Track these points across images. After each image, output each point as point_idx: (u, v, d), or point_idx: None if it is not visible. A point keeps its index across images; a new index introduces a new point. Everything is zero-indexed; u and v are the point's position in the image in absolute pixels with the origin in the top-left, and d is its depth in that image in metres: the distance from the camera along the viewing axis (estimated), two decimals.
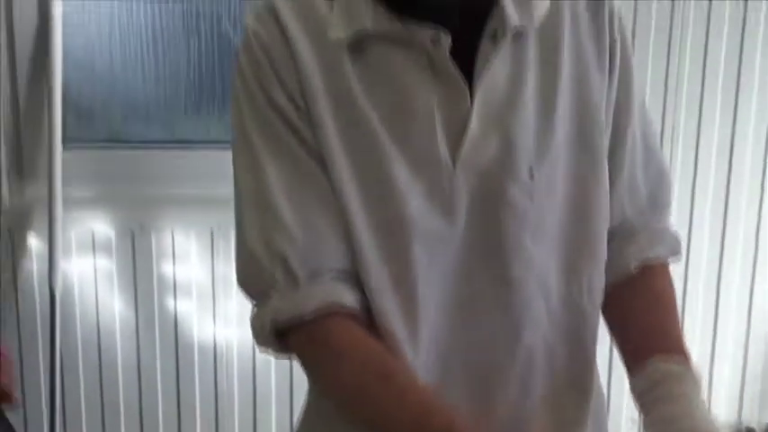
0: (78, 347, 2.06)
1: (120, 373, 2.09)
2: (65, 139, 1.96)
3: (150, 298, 2.06)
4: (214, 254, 2.05)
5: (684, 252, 1.14)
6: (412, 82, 0.90)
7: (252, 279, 0.93)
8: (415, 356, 0.93)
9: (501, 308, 0.94)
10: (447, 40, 0.88)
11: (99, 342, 2.07)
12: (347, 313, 0.91)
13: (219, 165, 1.96)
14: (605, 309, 1.02)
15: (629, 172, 1.01)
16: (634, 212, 1.03)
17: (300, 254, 0.89)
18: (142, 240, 2.04)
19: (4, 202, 2.00)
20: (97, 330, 2.06)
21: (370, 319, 0.92)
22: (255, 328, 0.93)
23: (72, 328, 2.04)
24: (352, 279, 0.92)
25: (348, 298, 0.91)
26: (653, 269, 1.03)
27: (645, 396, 0.95)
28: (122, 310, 2.07)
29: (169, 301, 2.07)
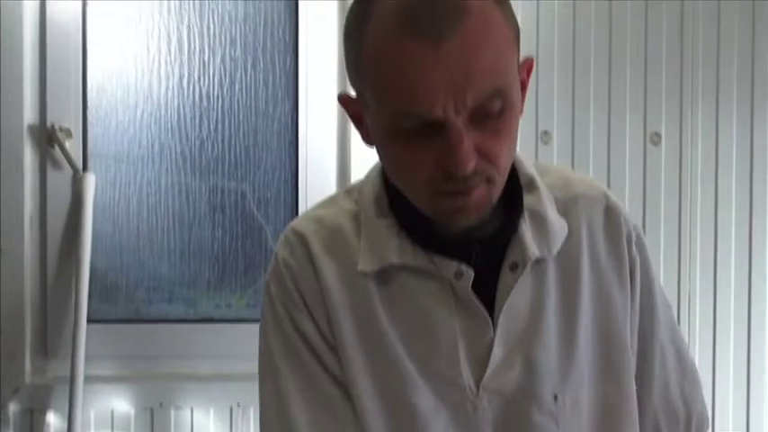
0: None
1: None
2: (88, 318, 1.98)
3: None
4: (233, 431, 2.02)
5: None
6: (436, 311, 0.92)
7: None
8: None
9: None
10: (470, 274, 0.90)
11: None
12: None
13: (239, 341, 2.01)
14: None
15: (661, 386, 1.00)
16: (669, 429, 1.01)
17: None
18: (161, 418, 2.02)
19: (26, 380, 2.00)
20: None
21: None
22: None
23: None
24: None
25: None
26: None
27: None
28: None
29: None
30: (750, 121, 2.13)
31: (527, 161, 0.98)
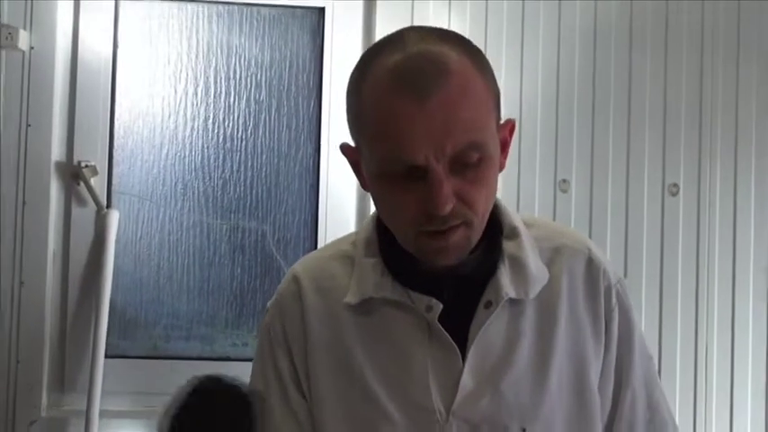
0: None
1: None
2: (107, 353, 2.00)
3: None
4: None
5: None
6: (410, 341, 0.99)
7: None
8: None
9: None
10: (438, 307, 0.98)
11: None
12: None
13: None
14: None
15: (627, 427, 1.04)
16: None
17: None
18: None
19: (42, 413, 2.01)
20: None
21: None
22: None
23: None
24: None
25: None
26: None
27: None
28: None
29: None
30: None
31: (513, 213, 1.06)
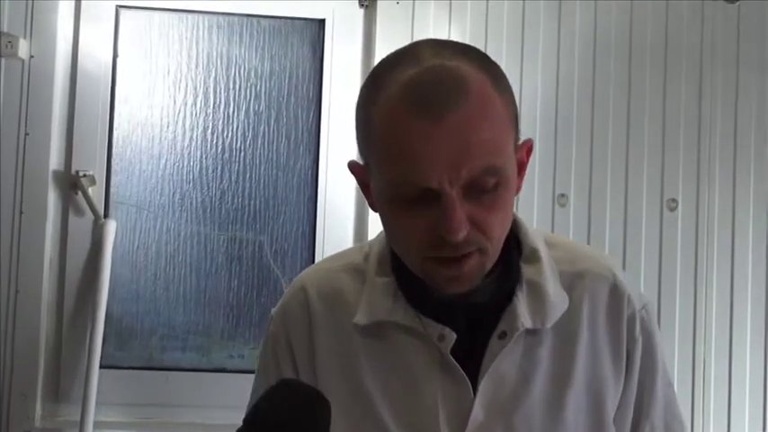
0: None
1: None
2: (102, 363, 1.99)
3: None
4: None
5: None
6: (420, 369, 0.94)
7: None
8: None
9: None
10: (451, 337, 0.93)
11: None
12: None
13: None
14: None
15: None
16: None
17: None
18: None
19: (36, 423, 2.00)
20: None
21: None
22: None
23: None
24: None
25: None
26: None
27: None
28: None
29: None
30: (767, 187, 2.14)
31: (535, 233, 1.00)
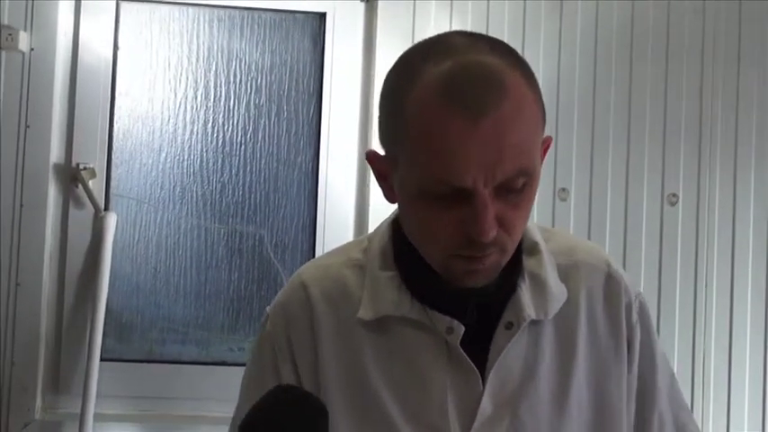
0: None
1: None
2: (102, 356, 1.99)
3: None
4: None
5: None
6: (428, 363, 0.94)
7: None
8: None
9: None
10: (460, 329, 0.93)
11: None
12: None
13: None
14: None
15: None
16: None
17: None
18: None
19: (36, 415, 2.01)
20: None
21: None
22: None
23: None
24: None
25: None
26: None
27: None
28: None
29: None
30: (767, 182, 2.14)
31: (533, 226, 1.01)
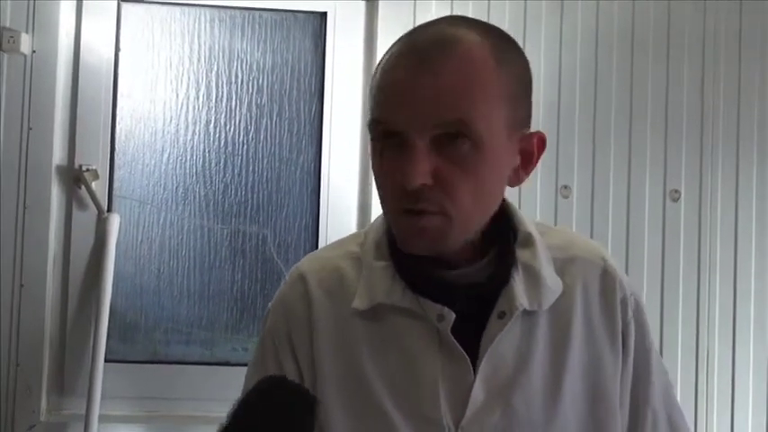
0: None
1: None
2: (106, 357, 2.00)
3: None
4: None
5: None
6: (420, 351, 0.95)
7: None
8: None
9: None
10: (450, 317, 0.93)
11: None
12: None
13: None
14: None
15: None
16: None
17: None
18: None
19: (41, 417, 2.01)
20: None
21: None
22: None
23: None
24: None
25: None
26: None
27: None
28: None
29: None
30: None
31: (528, 220, 1.02)
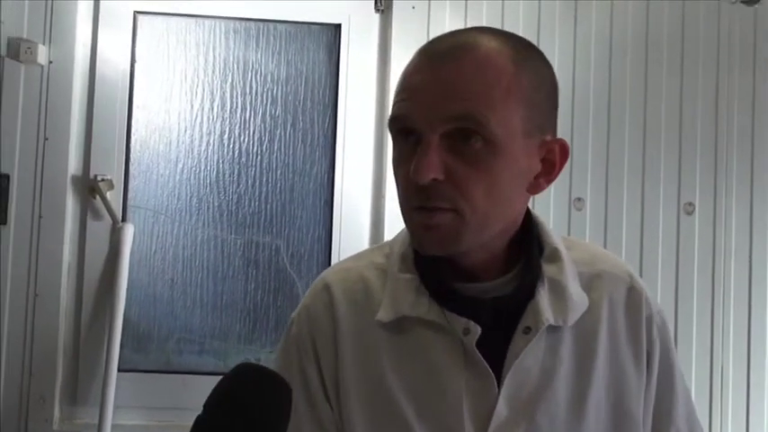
0: None
1: None
2: (119, 367, 2.00)
3: None
4: None
5: None
6: (444, 364, 0.94)
7: None
8: None
9: None
10: (476, 330, 0.93)
11: None
12: None
13: None
14: None
15: None
16: None
17: None
18: None
19: (54, 426, 2.01)
20: None
21: None
22: None
23: None
24: None
25: None
26: None
27: None
28: None
29: None
30: None
31: (555, 235, 1.02)
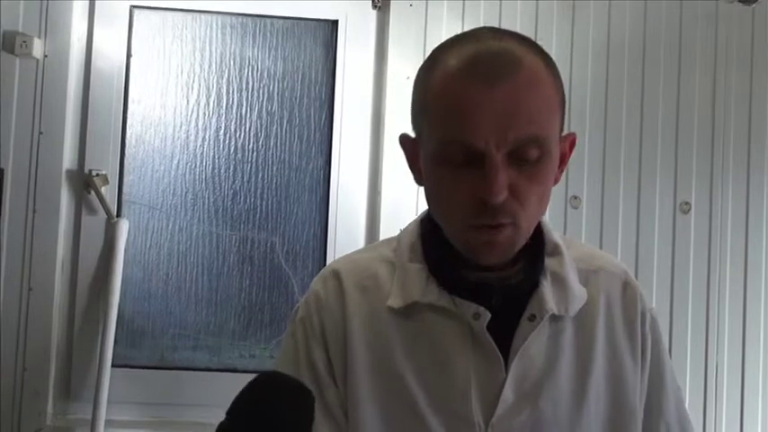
0: None
1: None
2: (113, 362, 2.00)
3: None
4: None
5: None
6: (453, 349, 0.96)
7: None
8: None
9: None
10: (486, 316, 0.95)
11: None
12: None
13: None
14: None
15: None
16: None
17: None
18: None
19: (47, 421, 2.01)
20: None
21: None
22: None
23: None
24: None
25: None
26: None
27: None
28: None
29: None
30: None
31: (555, 232, 1.05)
